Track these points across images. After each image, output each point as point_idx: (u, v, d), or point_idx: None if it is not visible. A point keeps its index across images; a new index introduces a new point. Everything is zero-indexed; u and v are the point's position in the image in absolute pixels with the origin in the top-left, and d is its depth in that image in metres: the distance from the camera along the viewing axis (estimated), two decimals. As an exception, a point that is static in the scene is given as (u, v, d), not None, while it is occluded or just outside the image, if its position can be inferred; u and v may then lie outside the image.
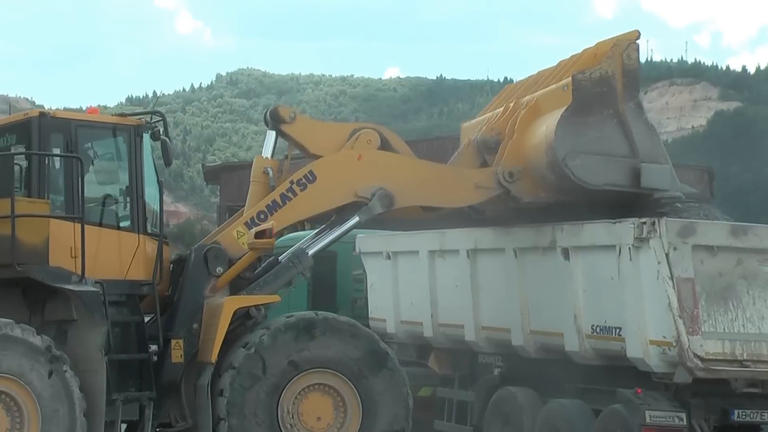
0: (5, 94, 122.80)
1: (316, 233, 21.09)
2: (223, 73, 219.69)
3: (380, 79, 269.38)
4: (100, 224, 18.30)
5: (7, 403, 16.49)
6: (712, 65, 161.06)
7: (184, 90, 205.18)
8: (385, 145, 20.16)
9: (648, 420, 17.53)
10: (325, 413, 18.58)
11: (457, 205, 21.28)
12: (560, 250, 19.34)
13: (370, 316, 25.64)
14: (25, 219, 17.08)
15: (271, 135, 20.10)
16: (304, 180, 19.37)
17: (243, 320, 18.53)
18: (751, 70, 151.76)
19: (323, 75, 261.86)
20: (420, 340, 24.33)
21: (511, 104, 20.75)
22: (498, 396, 21.26)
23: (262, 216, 19.10)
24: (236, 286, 19.09)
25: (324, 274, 28.55)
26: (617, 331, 18.35)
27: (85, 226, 17.63)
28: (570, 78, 19.34)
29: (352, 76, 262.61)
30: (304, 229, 24.99)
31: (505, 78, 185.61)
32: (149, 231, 18.80)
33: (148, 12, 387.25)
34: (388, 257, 25.01)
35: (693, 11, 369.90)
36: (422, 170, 20.55)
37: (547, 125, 19.28)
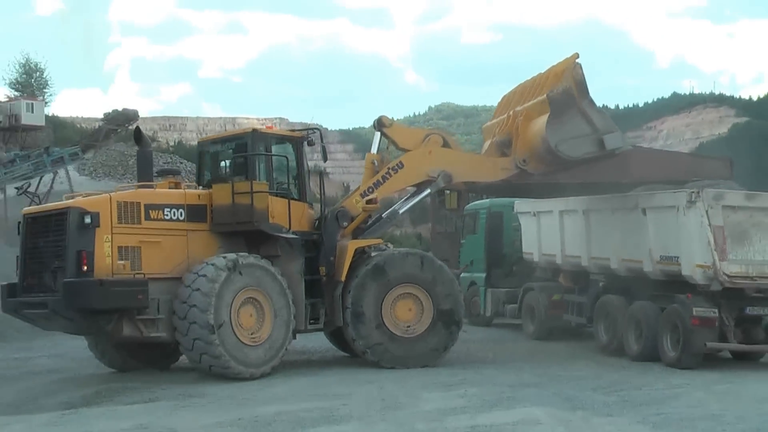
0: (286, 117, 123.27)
1: (404, 200, 23.62)
2: (432, 105, 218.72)
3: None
4: (287, 197, 20.69)
5: (254, 304, 19.14)
6: (730, 95, 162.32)
7: (410, 116, 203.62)
8: (445, 144, 22.82)
9: (695, 313, 19.78)
10: (412, 312, 21.05)
11: (490, 181, 25.40)
12: (640, 210, 21.50)
13: (523, 251, 28.02)
14: (257, 194, 19.67)
15: (377, 135, 22.79)
16: (396, 167, 22.14)
17: (360, 254, 21.23)
18: (754, 97, 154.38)
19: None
20: (553, 265, 26.40)
21: (511, 113, 23.03)
22: (601, 300, 23.38)
23: (370, 189, 21.87)
24: (355, 234, 21.84)
25: (496, 225, 31.61)
26: (676, 258, 20.45)
27: (282, 198, 20.47)
28: (546, 95, 21.70)
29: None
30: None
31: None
32: (309, 201, 21.62)
33: (384, 64, 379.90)
34: (534, 215, 27.17)
35: (717, 62, 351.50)
36: (468, 159, 23.84)
37: (539, 126, 21.78)
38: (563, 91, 21.63)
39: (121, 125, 75.41)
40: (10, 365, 22.55)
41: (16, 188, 53.79)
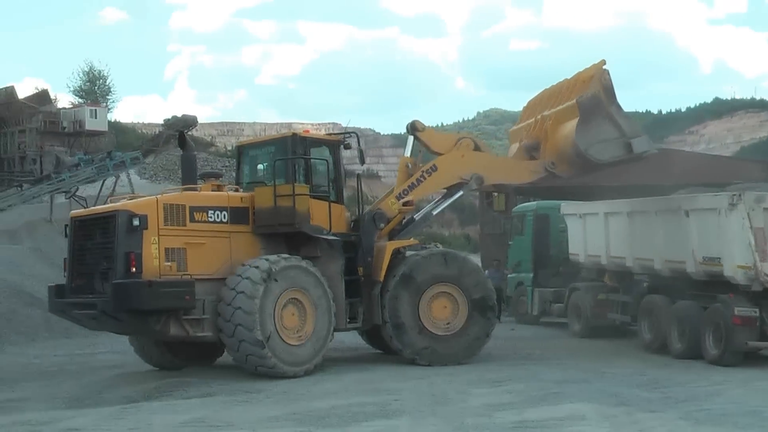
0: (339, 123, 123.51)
1: (436, 202, 23.73)
2: (481, 111, 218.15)
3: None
4: (327, 200, 20.63)
5: (296, 303, 19.06)
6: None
7: (459, 121, 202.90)
8: (476, 148, 22.84)
9: (736, 313, 19.68)
10: (447, 309, 21.03)
11: (519, 183, 25.41)
12: (683, 212, 21.31)
13: (569, 252, 27.88)
14: (298, 196, 19.52)
15: (410, 139, 22.88)
16: (430, 170, 22.19)
17: (396, 254, 21.19)
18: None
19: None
20: (599, 266, 26.25)
21: (539, 117, 23.17)
22: (645, 299, 23.33)
23: (405, 192, 21.95)
24: (390, 235, 21.87)
25: (543, 227, 31.69)
26: (718, 259, 20.27)
27: (321, 200, 20.38)
28: (575, 101, 21.86)
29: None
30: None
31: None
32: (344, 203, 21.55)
33: (434, 71, 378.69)
34: (580, 216, 27.08)
35: (758, 68, 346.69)
36: (499, 162, 23.84)
37: (568, 130, 21.94)
38: (592, 96, 21.80)
39: (180, 131, 76.11)
40: (75, 361, 22.86)
41: (64, 192, 54.29)
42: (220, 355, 21.03)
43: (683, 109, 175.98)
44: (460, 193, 22.97)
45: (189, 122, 77.05)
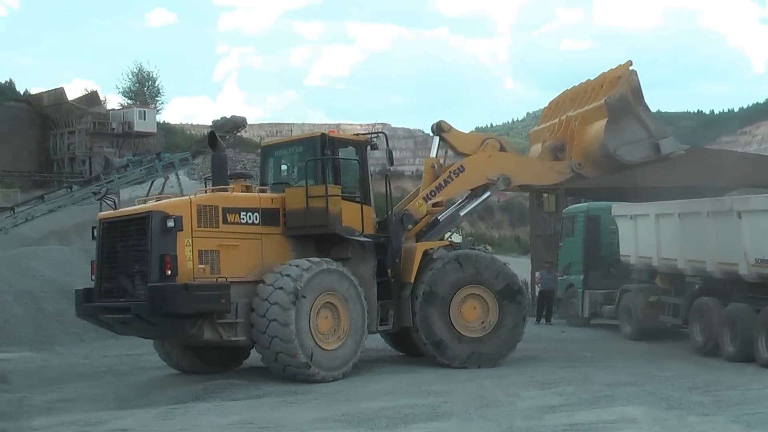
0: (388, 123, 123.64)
1: (460, 203, 23.40)
2: (530, 111, 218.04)
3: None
4: (358, 201, 20.53)
5: (330, 308, 18.83)
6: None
7: (508, 122, 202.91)
8: (501, 149, 22.93)
9: None
10: (477, 309, 20.95)
11: (545, 184, 25.23)
12: (735, 213, 20.97)
13: (620, 254, 27.66)
14: (331, 197, 19.26)
15: (436, 140, 22.89)
16: (457, 170, 22.26)
17: (425, 255, 21.09)
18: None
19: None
20: (650, 267, 26.00)
21: (563, 118, 23.16)
22: (697, 302, 23.07)
23: (432, 193, 22.00)
24: (418, 236, 21.84)
25: (593, 228, 31.62)
26: None
27: (351, 201, 20.20)
28: (603, 101, 21.88)
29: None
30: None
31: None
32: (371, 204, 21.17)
33: (483, 71, 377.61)
34: (631, 218, 26.81)
35: None
36: (525, 162, 23.71)
37: (596, 131, 22.02)
38: (620, 97, 21.87)
39: (229, 132, 76.59)
40: (123, 361, 23.17)
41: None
42: (246, 359, 20.93)
43: (735, 110, 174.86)
44: (488, 194, 23.00)
45: (238, 123, 77.66)
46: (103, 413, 15.62)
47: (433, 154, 23.01)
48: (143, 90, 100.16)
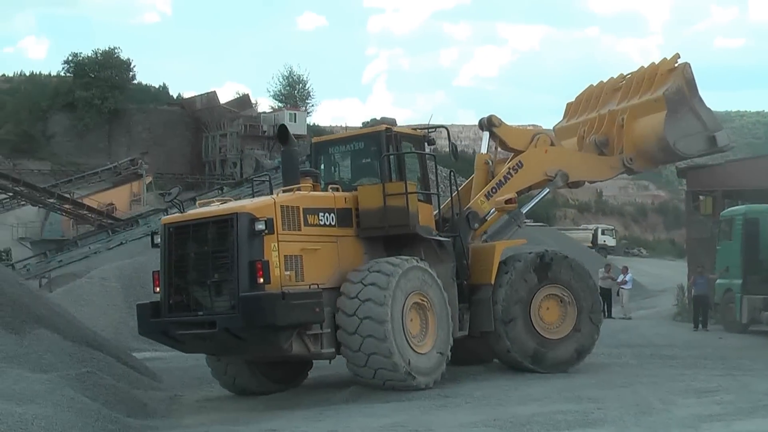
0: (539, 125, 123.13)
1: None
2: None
3: None
4: (424, 198, 19.44)
5: (418, 310, 17.76)
6: None
7: None
8: (552, 144, 22.64)
9: None
10: (555, 310, 20.44)
11: (599, 180, 24.80)
12: None
13: None
14: (410, 195, 18.16)
15: (486, 136, 22.27)
16: (516, 167, 21.75)
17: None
18: None
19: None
20: None
21: (605, 112, 23.05)
22: None
23: (494, 190, 21.24)
24: (475, 236, 20.98)
25: (752, 231, 31.22)
26: None
27: (415, 198, 18.65)
28: (661, 94, 21.85)
29: None
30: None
31: None
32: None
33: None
34: None
35: None
36: (580, 158, 23.12)
37: (652, 125, 21.96)
38: (677, 89, 21.98)
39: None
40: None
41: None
42: (306, 376, 20.05)
43: None
44: (547, 191, 22.76)
45: (388, 125, 78.03)
46: (252, 413, 15.94)
47: (483, 149, 22.49)
48: (294, 93, 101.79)
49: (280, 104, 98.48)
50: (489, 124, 22.18)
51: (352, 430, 13.94)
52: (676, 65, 22.46)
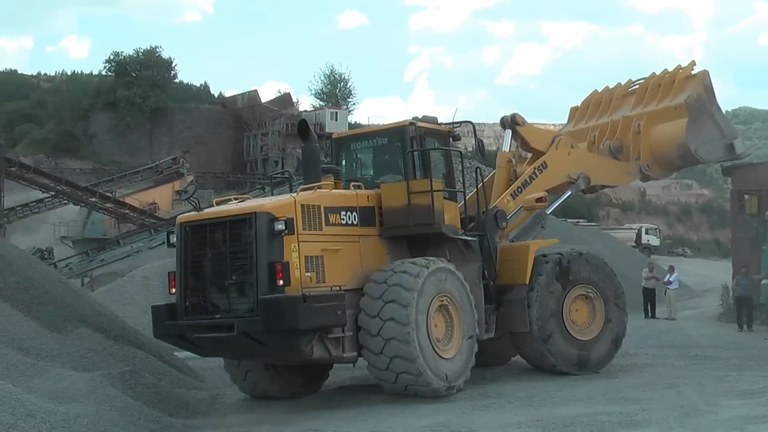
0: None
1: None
2: (729, 109, 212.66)
3: None
4: (450, 197, 18.98)
5: (443, 312, 17.25)
6: None
7: None
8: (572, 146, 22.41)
9: None
10: (584, 311, 20.14)
11: (616, 185, 25.11)
12: None
13: None
14: (436, 193, 17.62)
15: (508, 134, 21.89)
16: (540, 167, 21.38)
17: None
18: None
19: None
20: None
21: (619, 118, 22.99)
22: None
23: (519, 190, 20.80)
24: (502, 236, 20.46)
25: None
26: None
27: (440, 196, 18.08)
28: (683, 101, 22.01)
29: None
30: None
31: None
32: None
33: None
34: None
35: None
36: (600, 162, 22.87)
37: (672, 132, 22.05)
38: (697, 96, 22.16)
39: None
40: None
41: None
42: (325, 380, 19.58)
43: None
44: (569, 193, 22.40)
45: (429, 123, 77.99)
46: (294, 413, 16.04)
47: (505, 148, 22.14)
48: (335, 91, 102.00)
49: (321, 103, 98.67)
50: (512, 122, 21.84)
51: (394, 431, 14.02)
52: (693, 72, 22.60)
